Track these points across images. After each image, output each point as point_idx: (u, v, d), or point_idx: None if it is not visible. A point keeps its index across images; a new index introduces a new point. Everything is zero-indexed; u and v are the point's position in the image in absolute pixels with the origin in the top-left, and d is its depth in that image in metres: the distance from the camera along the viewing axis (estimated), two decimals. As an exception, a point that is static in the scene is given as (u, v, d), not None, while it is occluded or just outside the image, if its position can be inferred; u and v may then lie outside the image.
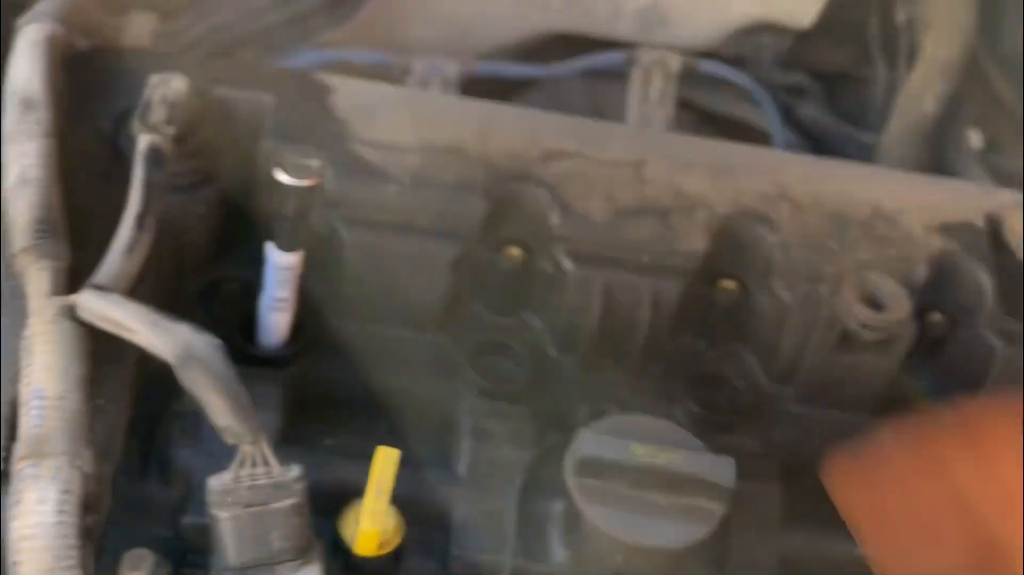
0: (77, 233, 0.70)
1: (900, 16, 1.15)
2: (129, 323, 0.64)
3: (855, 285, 0.82)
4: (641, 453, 0.70)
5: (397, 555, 0.72)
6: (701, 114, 1.27)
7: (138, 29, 1.11)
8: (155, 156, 0.72)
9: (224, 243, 0.83)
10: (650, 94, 1.13)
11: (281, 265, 0.75)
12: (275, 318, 0.78)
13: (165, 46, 1.13)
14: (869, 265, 0.84)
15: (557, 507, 0.74)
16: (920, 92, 1.07)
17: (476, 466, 0.74)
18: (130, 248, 0.69)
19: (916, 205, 0.89)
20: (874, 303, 0.82)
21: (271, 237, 0.74)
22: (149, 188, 0.71)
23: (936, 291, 0.87)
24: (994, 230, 0.90)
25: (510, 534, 0.73)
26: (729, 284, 0.86)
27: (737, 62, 1.22)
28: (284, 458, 0.65)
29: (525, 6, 1.14)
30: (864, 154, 1.19)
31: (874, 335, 0.81)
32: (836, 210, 0.87)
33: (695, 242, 0.84)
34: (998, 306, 0.86)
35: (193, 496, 0.71)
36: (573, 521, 0.72)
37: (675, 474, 0.69)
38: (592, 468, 0.69)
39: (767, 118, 1.18)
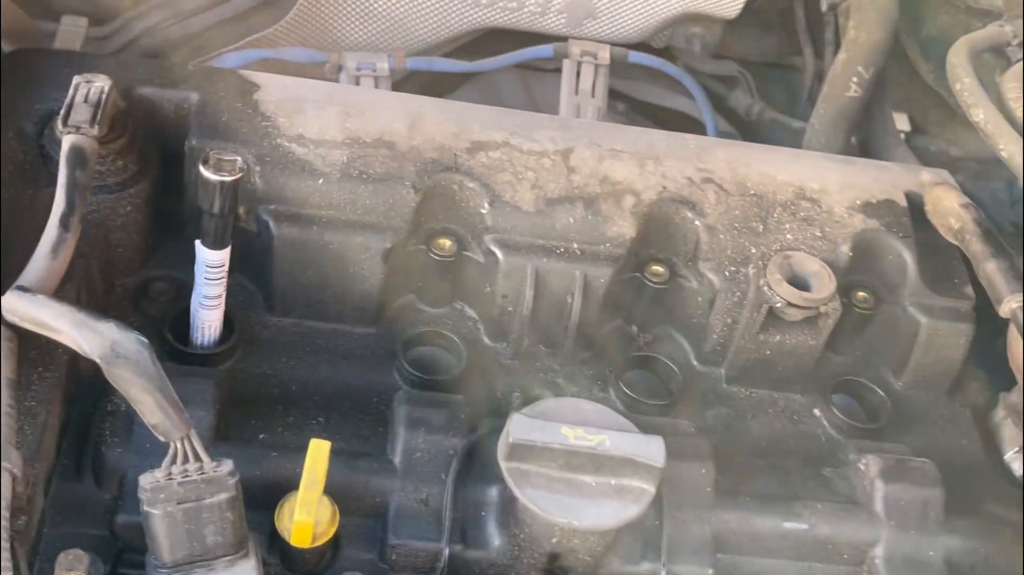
0: (2, 236, 0.69)
1: (824, 4, 1.17)
2: (55, 323, 0.64)
3: (780, 266, 0.83)
4: (572, 436, 0.70)
5: (334, 545, 0.72)
6: (635, 104, 1.28)
7: (70, 33, 1.11)
8: (79, 157, 0.72)
9: (155, 243, 0.83)
10: (581, 85, 1.13)
11: (210, 263, 0.75)
12: (206, 316, 0.78)
13: (97, 49, 1.12)
14: (793, 246, 0.86)
15: (492, 492, 0.74)
16: (845, 77, 1.08)
17: (411, 455, 0.75)
18: (55, 249, 0.68)
19: (838, 185, 0.91)
20: (799, 283, 0.83)
21: (199, 235, 0.74)
22: (74, 189, 0.70)
23: (860, 268, 0.88)
24: (915, 207, 0.92)
25: (447, 521, 0.73)
26: (658, 268, 0.87)
27: (667, 53, 1.23)
28: (219, 454, 0.65)
29: (455, 2, 1.14)
30: (794, 140, 1.20)
31: (800, 314, 0.83)
32: (760, 193, 0.88)
33: (623, 228, 0.85)
34: (921, 281, 0.88)
35: (127, 495, 0.70)
36: (508, 505, 0.72)
37: (606, 456, 0.70)
38: (524, 452, 0.70)
39: (699, 107, 1.19)
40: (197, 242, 0.74)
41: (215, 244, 0.74)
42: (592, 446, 0.70)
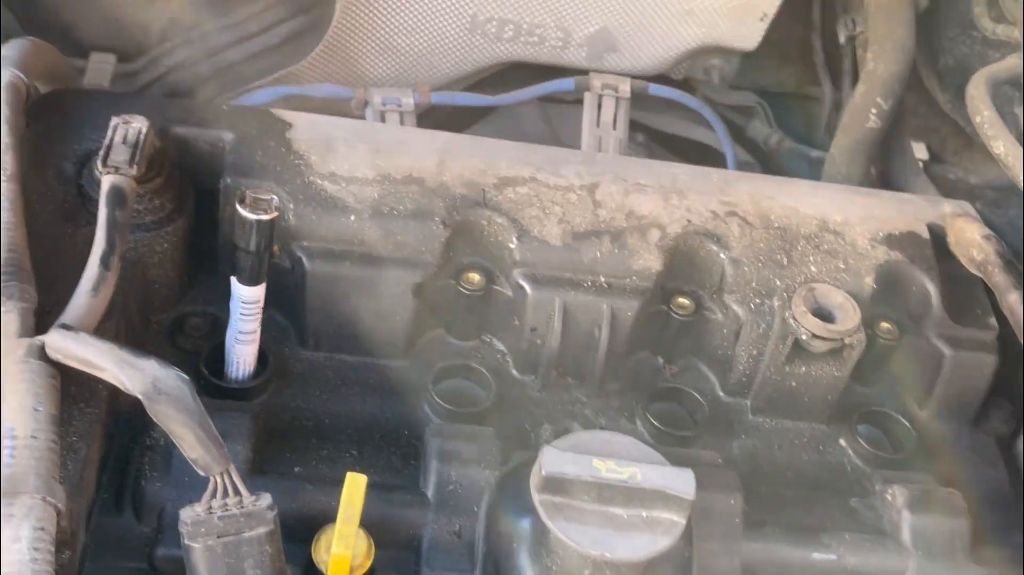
0: (43, 274, 0.71)
1: (842, 35, 1.18)
2: (97, 361, 0.66)
3: (805, 298, 0.84)
4: (603, 468, 0.71)
5: (369, 577, 0.73)
6: (654, 135, 1.29)
7: (98, 70, 1.13)
8: (119, 196, 0.73)
9: (190, 279, 0.85)
10: (602, 118, 1.15)
11: (245, 299, 0.76)
12: (242, 350, 0.79)
13: (124, 86, 1.14)
14: (818, 278, 0.87)
15: (524, 524, 0.75)
16: (864, 108, 1.09)
17: (444, 487, 0.76)
18: (96, 287, 0.70)
19: (861, 217, 0.92)
20: (824, 314, 0.84)
21: (234, 271, 0.75)
22: (113, 228, 0.72)
23: (884, 300, 0.89)
24: (937, 239, 0.93)
25: (479, 553, 0.74)
26: (684, 301, 0.88)
27: (686, 84, 1.24)
28: (255, 488, 0.66)
29: (478, 37, 1.16)
30: (813, 169, 1.22)
31: (825, 346, 0.84)
32: (784, 226, 0.90)
33: (649, 261, 0.86)
34: (944, 312, 0.89)
35: (166, 528, 0.72)
36: (540, 537, 0.73)
37: (637, 488, 0.71)
38: (556, 485, 0.71)
39: (718, 138, 1.21)
40: (233, 278, 0.76)
41: (251, 280, 0.75)
42: (623, 479, 0.71)
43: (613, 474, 0.72)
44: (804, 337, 0.83)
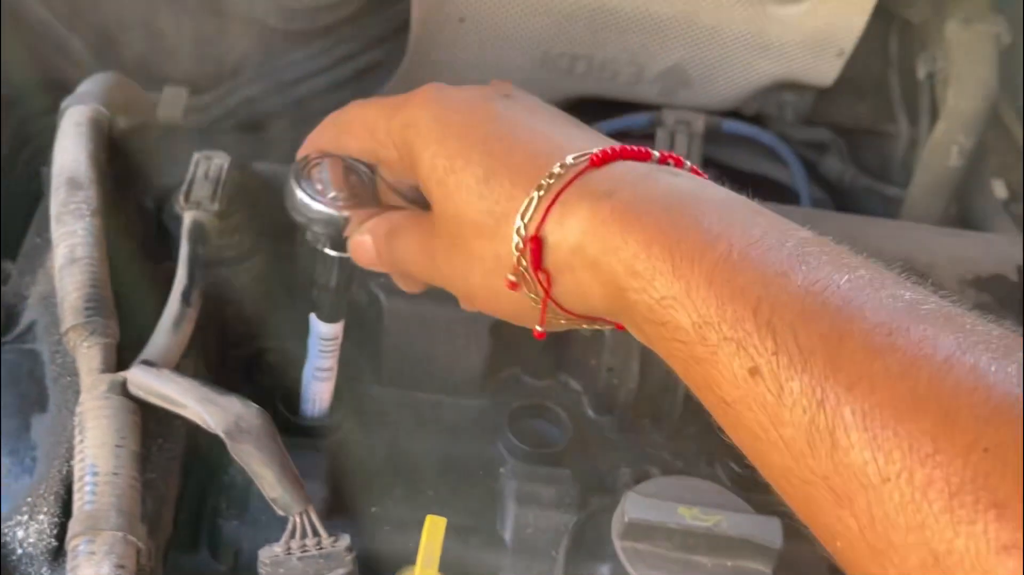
0: (125, 309, 0.71)
1: (921, 71, 1.16)
2: (179, 397, 0.66)
3: (891, 340, 0.82)
4: (688, 515, 0.70)
5: (447, 622, 0.72)
6: (726, 171, 1.28)
7: (171, 103, 1.14)
8: (200, 232, 0.73)
9: (266, 314, 0.84)
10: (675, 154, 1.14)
11: (323, 335, 0.76)
12: (318, 387, 0.78)
13: (197, 119, 1.15)
14: (904, 320, 0.85)
15: (603, 571, 0.73)
16: (944, 146, 1.08)
17: (522, 530, 0.75)
18: (177, 323, 0.70)
19: (947, 258, 0.90)
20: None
21: (313, 308, 0.75)
22: (194, 264, 0.72)
23: (972, 344, 0.87)
24: (1026, 281, 0.91)
25: (557, 598, 0.72)
26: (766, 342, 0.86)
27: (759, 119, 1.23)
28: (332, 528, 0.65)
29: (549, 71, 1.16)
30: (888, 208, 1.20)
31: (912, 390, 0.81)
32: (869, 266, 0.87)
33: (730, 302, 0.84)
34: (1034, 357, 0.87)
35: (242, 568, 0.71)
36: (620, 584, 0.72)
37: (722, 536, 0.69)
38: (639, 531, 0.69)
39: (792, 174, 1.19)
40: (312, 315, 0.75)
41: (329, 318, 0.75)
42: (708, 526, 0.69)
43: (698, 521, 0.70)
44: (890, 381, 0.81)
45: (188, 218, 0.74)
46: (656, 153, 0.61)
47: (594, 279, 0.56)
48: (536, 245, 0.58)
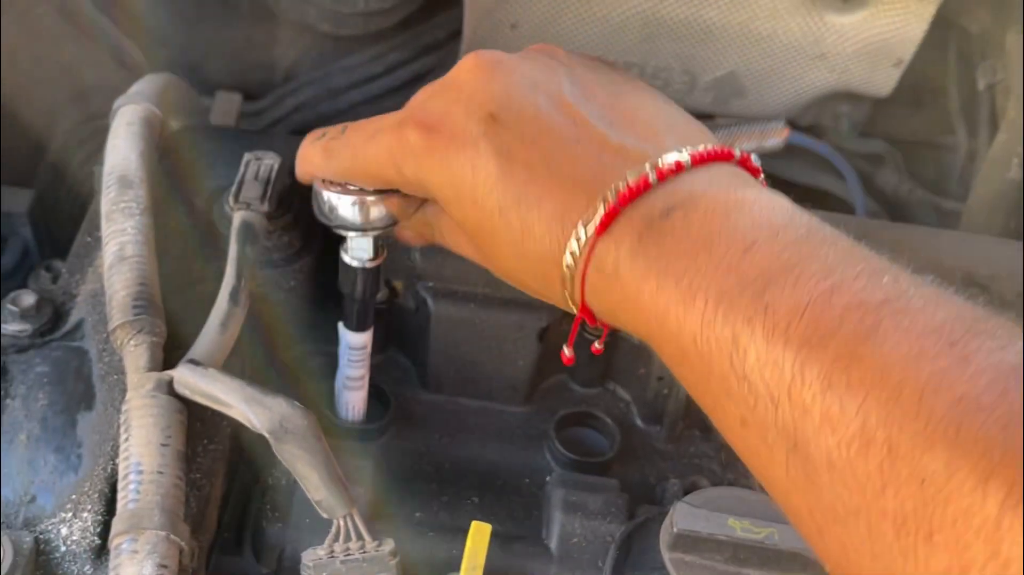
0: (172, 308, 0.71)
1: (981, 82, 1.14)
2: (225, 397, 0.65)
3: (949, 354, 0.80)
4: (738, 527, 0.68)
5: (490, 630, 0.71)
6: (776, 182, 1.26)
7: (224, 108, 1.14)
8: (249, 233, 0.73)
9: (313, 317, 0.84)
10: (728, 164, 1.12)
11: (352, 345, 0.75)
12: (350, 396, 0.78)
13: (250, 124, 1.16)
14: (963, 333, 0.83)
15: (651, 582, 0.72)
16: (1005, 158, 1.05)
17: (567, 540, 0.73)
18: (225, 323, 0.69)
19: (1008, 271, 0.87)
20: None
21: (341, 317, 0.74)
22: (243, 264, 0.71)
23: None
24: (1089, 295, 0.88)
25: (603, 610, 0.71)
26: (819, 354, 0.84)
27: (813, 130, 1.21)
28: (376, 532, 0.65)
29: (602, 79, 1.15)
30: (944, 222, 1.18)
31: (971, 405, 0.79)
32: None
33: (783, 311, 0.83)
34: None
35: (285, 570, 0.71)
36: (668, 596, 0.70)
37: (774, 550, 0.68)
38: (688, 542, 0.68)
39: (848, 186, 1.17)
40: (340, 324, 0.75)
41: (357, 327, 0.74)
42: (759, 539, 0.68)
43: (748, 534, 0.68)
44: (949, 395, 0.79)
45: (237, 218, 0.73)
46: (737, 153, 0.58)
47: (631, 309, 0.55)
48: (584, 280, 0.56)
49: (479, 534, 0.66)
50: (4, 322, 0.71)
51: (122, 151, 0.76)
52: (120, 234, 0.72)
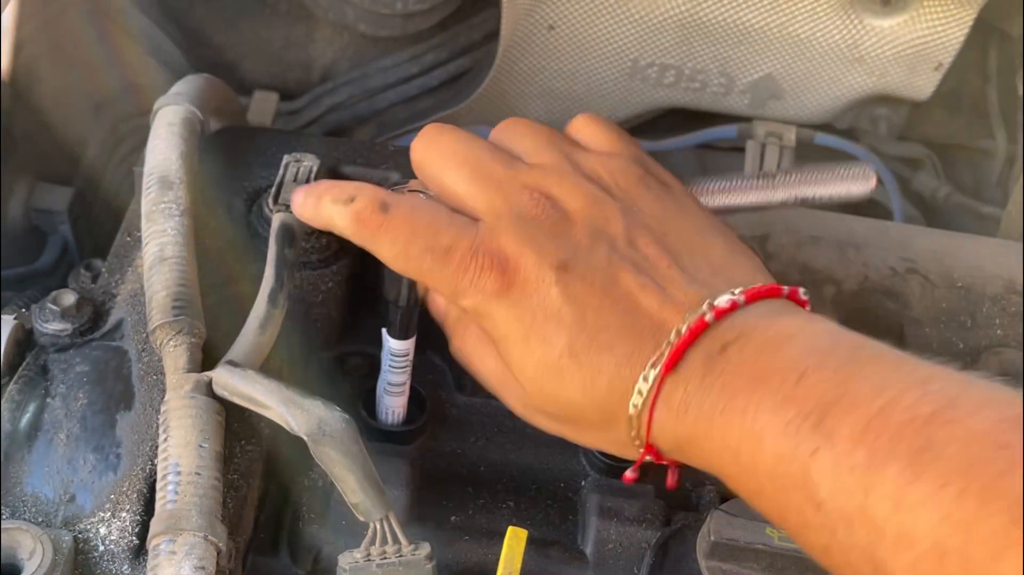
0: (212, 309, 0.71)
1: (1021, 87, 1.13)
2: (263, 399, 0.65)
3: (990, 363, 0.80)
4: (776, 536, 0.68)
5: (526, 635, 0.71)
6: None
7: (261, 107, 1.15)
8: (288, 234, 0.73)
9: (351, 318, 0.84)
10: (765, 167, 1.12)
11: (395, 352, 0.75)
12: (391, 402, 0.78)
13: (286, 123, 1.16)
14: (1004, 342, 0.82)
15: (687, 589, 0.72)
16: (1046, 163, 1.04)
17: (603, 546, 0.73)
18: (263, 325, 0.70)
19: (1050, 279, 0.87)
20: (1011, 381, 0.79)
21: (385, 324, 0.74)
22: (282, 265, 0.72)
23: (1075, 368, 0.84)
24: None
25: (639, 616, 0.71)
26: (858, 361, 0.84)
27: (851, 134, 1.20)
28: (412, 535, 0.65)
29: (638, 82, 1.14)
30: (982, 227, 1.16)
31: (1012, 414, 0.79)
32: (967, 285, 0.85)
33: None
34: None
35: (320, 573, 0.71)
36: (704, 604, 0.70)
37: (810, 559, 0.67)
38: (726, 551, 0.67)
39: (886, 190, 1.16)
40: (383, 331, 0.74)
41: (400, 334, 0.74)
42: (797, 548, 0.67)
43: (786, 543, 0.68)
44: (989, 405, 0.78)
45: (277, 220, 0.73)
46: (786, 289, 0.63)
47: (702, 443, 0.61)
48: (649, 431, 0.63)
49: (515, 539, 0.66)
50: (45, 321, 0.72)
51: (163, 152, 0.76)
52: (160, 235, 0.72)
